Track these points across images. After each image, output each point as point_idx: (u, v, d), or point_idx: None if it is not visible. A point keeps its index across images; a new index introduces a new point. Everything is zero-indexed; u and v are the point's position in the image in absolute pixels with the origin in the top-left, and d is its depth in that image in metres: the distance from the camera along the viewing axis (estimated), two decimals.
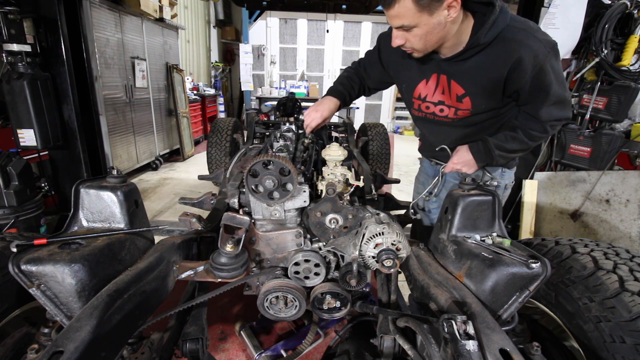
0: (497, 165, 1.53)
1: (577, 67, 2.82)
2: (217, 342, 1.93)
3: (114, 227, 1.09)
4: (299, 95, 7.52)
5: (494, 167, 1.56)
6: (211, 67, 9.70)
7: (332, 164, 1.40)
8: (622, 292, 0.92)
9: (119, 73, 4.41)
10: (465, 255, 1.05)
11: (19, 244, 0.89)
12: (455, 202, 1.13)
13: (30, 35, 2.54)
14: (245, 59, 7.79)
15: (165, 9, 5.34)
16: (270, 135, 2.24)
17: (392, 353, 1.17)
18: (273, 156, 1.09)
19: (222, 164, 3.84)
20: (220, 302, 2.23)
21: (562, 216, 2.77)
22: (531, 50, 1.20)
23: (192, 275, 1.17)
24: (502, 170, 1.58)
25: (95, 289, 0.90)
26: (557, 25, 2.62)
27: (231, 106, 10.63)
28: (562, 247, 1.16)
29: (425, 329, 0.94)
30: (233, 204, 1.27)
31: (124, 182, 1.14)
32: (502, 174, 1.59)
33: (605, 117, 2.67)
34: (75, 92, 2.79)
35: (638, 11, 2.49)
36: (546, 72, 1.23)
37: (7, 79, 2.45)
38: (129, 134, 4.72)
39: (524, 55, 1.20)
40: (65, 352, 0.69)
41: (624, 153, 2.61)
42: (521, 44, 1.21)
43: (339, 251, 1.23)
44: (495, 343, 0.75)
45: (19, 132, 2.57)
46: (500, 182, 1.60)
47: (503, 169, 1.58)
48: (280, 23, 9.24)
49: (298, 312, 1.23)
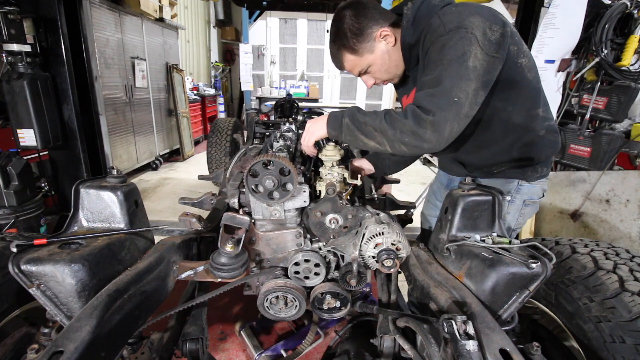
0: (351, 143, 1.24)
1: (577, 67, 2.82)
2: (217, 342, 1.93)
3: (114, 227, 1.09)
4: (299, 95, 7.52)
5: (507, 178, 1.36)
6: (211, 67, 9.71)
7: (329, 164, 1.41)
8: (622, 292, 0.92)
9: (119, 73, 4.41)
10: (465, 255, 1.05)
11: (19, 244, 0.89)
12: (455, 202, 1.13)
13: (30, 35, 2.54)
14: (245, 59, 7.79)
15: (165, 9, 5.35)
16: (270, 135, 2.24)
17: (392, 353, 1.17)
18: (273, 156, 1.09)
19: (222, 164, 3.84)
20: (220, 302, 2.24)
21: (562, 216, 2.77)
22: (431, 26, 1.13)
23: (192, 275, 1.17)
24: (518, 184, 1.35)
25: (95, 289, 0.90)
26: (557, 25, 2.63)
27: (231, 106, 10.64)
28: (562, 247, 1.16)
29: (425, 329, 0.94)
30: (233, 204, 1.27)
31: (124, 182, 1.14)
32: (518, 188, 1.35)
33: (605, 117, 2.67)
34: (75, 92, 2.79)
35: (638, 11, 2.49)
36: (436, 48, 1.10)
37: (7, 79, 2.46)
38: (129, 134, 4.72)
39: (424, 31, 1.16)
40: (65, 352, 0.69)
41: (624, 153, 2.61)
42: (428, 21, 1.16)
43: (339, 251, 1.23)
44: (495, 343, 0.75)
45: (19, 132, 2.58)
46: (515, 197, 1.36)
47: (520, 182, 1.34)
48: (280, 23, 9.24)
49: (298, 312, 1.23)
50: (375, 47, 1.25)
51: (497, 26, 1.09)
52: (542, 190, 1.40)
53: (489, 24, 1.08)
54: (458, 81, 1.04)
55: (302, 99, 7.22)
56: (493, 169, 1.36)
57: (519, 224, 1.43)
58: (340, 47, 1.28)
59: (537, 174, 1.35)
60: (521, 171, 1.34)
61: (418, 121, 1.05)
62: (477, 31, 1.06)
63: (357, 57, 1.27)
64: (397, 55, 1.29)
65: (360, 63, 1.29)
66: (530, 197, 1.37)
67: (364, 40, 1.24)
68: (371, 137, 1.15)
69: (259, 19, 8.80)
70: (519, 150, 1.29)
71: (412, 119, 1.06)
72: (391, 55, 1.28)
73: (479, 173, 1.39)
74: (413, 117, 1.06)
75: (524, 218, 1.42)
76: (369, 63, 1.28)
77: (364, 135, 1.16)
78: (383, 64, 1.29)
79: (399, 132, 1.08)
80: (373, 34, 1.23)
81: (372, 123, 1.13)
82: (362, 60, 1.28)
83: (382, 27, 1.24)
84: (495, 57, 1.08)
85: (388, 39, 1.25)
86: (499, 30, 1.09)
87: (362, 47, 1.24)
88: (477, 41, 1.05)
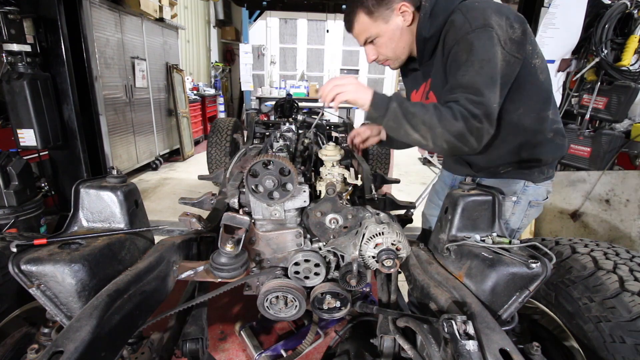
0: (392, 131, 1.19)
1: (577, 67, 2.82)
2: (217, 342, 1.93)
3: (114, 227, 1.09)
4: (299, 95, 7.52)
5: (513, 179, 1.35)
6: (211, 67, 9.71)
7: (330, 164, 1.41)
8: (622, 292, 0.92)
9: (119, 73, 4.41)
10: (465, 255, 1.05)
11: (19, 244, 0.89)
12: (455, 202, 1.13)
13: (30, 35, 2.54)
14: (245, 59, 7.79)
15: (165, 9, 5.35)
16: (270, 135, 2.24)
17: (392, 353, 1.17)
18: (273, 156, 1.10)
19: (222, 164, 3.84)
20: (220, 302, 2.24)
21: (562, 216, 2.77)
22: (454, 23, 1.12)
23: (192, 275, 1.17)
24: (524, 185, 1.34)
25: (95, 289, 0.90)
26: (557, 25, 2.63)
27: (231, 106, 10.64)
28: (562, 247, 1.16)
29: (425, 329, 0.94)
30: (233, 204, 1.27)
31: (124, 182, 1.14)
32: (524, 189, 1.35)
33: (605, 117, 2.67)
34: (75, 92, 2.79)
35: (638, 11, 2.49)
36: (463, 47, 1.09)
37: (7, 79, 2.45)
38: (129, 134, 4.72)
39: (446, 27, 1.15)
40: (65, 352, 0.69)
41: (624, 153, 2.61)
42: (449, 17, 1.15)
43: (339, 251, 1.23)
44: (495, 343, 0.75)
45: (19, 132, 2.57)
46: (520, 198, 1.35)
47: (526, 182, 1.34)
48: (280, 23, 9.24)
49: (298, 312, 1.23)
50: (391, 19, 1.23)
51: (517, 24, 1.10)
52: (547, 191, 1.40)
53: (511, 22, 1.09)
54: (492, 87, 1.05)
55: (302, 99, 7.22)
56: (500, 170, 1.35)
57: (523, 224, 1.43)
58: (358, 4, 1.25)
59: (543, 175, 1.34)
60: (528, 172, 1.33)
61: (469, 126, 1.04)
62: (500, 31, 1.06)
63: (371, 20, 1.24)
64: (409, 37, 1.26)
65: (370, 29, 1.26)
66: (535, 198, 1.37)
67: (383, 5, 1.21)
68: (417, 130, 1.11)
69: (259, 19, 8.81)
70: (527, 151, 1.28)
71: (462, 122, 1.04)
72: (403, 34, 1.26)
73: (485, 173, 1.39)
74: (464, 120, 1.04)
75: (528, 219, 1.42)
76: (378, 32, 1.26)
77: (410, 125, 1.11)
78: (392, 40, 1.27)
79: (447, 131, 1.06)
80: (394, 4, 1.21)
81: (422, 116, 1.09)
82: (374, 26, 1.24)
83: (405, 1, 1.21)
84: (516, 58, 1.10)
85: (406, 16, 1.22)
86: (520, 29, 1.09)
87: (379, 12, 1.22)
88: (501, 42, 1.06)
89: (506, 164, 1.34)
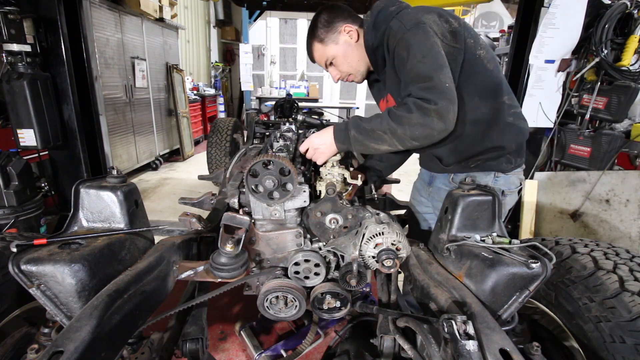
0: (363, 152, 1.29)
1: (577, 67, 2.82)
2: (217, 342, 1.93)
3: (114, 227, 1.09)
4: (299, 95, 7.52)
5: (484, 171, 1.41)
6: (211, 67, 9.71)
7: (329, 164, 1.41)
8: (622, 292, 0.92)
9: (119, 73, 4.41)
10: (465, 255, 1.05)
11: (19, 244, 0.89)
12: (455, 202, 1.13)
13: (30, 35, 2.54)
14: (245, 59, 7.78)
15: (165, 9, 5.35)
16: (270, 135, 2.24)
17: (392, 353, 1.17)
18: (273, 156, 1.10)
19: (222, 164, 3.84)
20: (220, 302, 2.24)
21: (562, 216, 2.77)
22: (391, 29, 1.24)
23: (192, 275, 1.17)
24: (495, 176, 1.41)
25: (95, 289, 0.90)
26: (557, 25, 2.62)
27: (231, 106, 10.64)
28: (562, 247, 1.16)
29: (425, 329, 0.94)
30: (233, 204, 1.27)
31: (124, 182, 1.14)
32: (495, 180, 1.41)
33: (605, 117, 2.67)
34: (75, 92, 2.79)
35: (638, 11, 2.49)
36: (402, 46, 1.19)
37: (7, 79, 2.45)
38: (129, 134, 4.72)
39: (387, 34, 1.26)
40: (65, 352, 0.69)
41: (624, 153, 2.61)
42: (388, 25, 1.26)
43: (339, 251, 1.23)
44: (495, 343, 0.75)
45: (19, 132, 2.57)
46: None
47: (496, 173, 1.41)
48: (280, 23, 9.24)
49: (298, 312, 1.23)
50: (340, 39, 1.39)
51: (452, 19, 1.23)
52: (519, 179, 1.48)
53: (446, 17, 1.23)
54: (439, 70, 1.13)
55: (302, 99, 7.21)
56: (469, 163, 1.40)
57: None
58: (312, 37, 1.43)
59: (512, 164, 1.40)
60: (496, 163, 1.39)
61: (424, 112, 1.11)
62: (434, 25, 1.19)
63: (324, 46, 1.41)
64: (360, 51, 1.41)
65: (326, 53, 1.42)
66: (508, 188, 1.44)
67: (330, 31, 1.38)
68: (382, 141, 1.19)
69: (259, 19, 8.80)
70: (490, 140, 1.35)
71: (417, 111, 1.11)
72: (354, 49, 1.41)
73: (457, 167, 1.43)
74: (417, 109, 1.11)
75: (505, 208, 1.49)
76: (333, 54, 1.41)
77: (374, 141, 1.20)
78: (345, 57, 1.42)
79: (408, 127, 1.13)
80: (339, 27, 1.38)
81: (379, 127, 1.18)
82: (328, 49, 1.41)
83: (347, 23, 1.38)
84: (455, 47, 1.21)
85: (351, 34, 1.38)
86: (456, 22, 1.23)
87: (328, 38, 1.39)
88: (437, 34, 1.17)
89: (474, 156, 1.38)
